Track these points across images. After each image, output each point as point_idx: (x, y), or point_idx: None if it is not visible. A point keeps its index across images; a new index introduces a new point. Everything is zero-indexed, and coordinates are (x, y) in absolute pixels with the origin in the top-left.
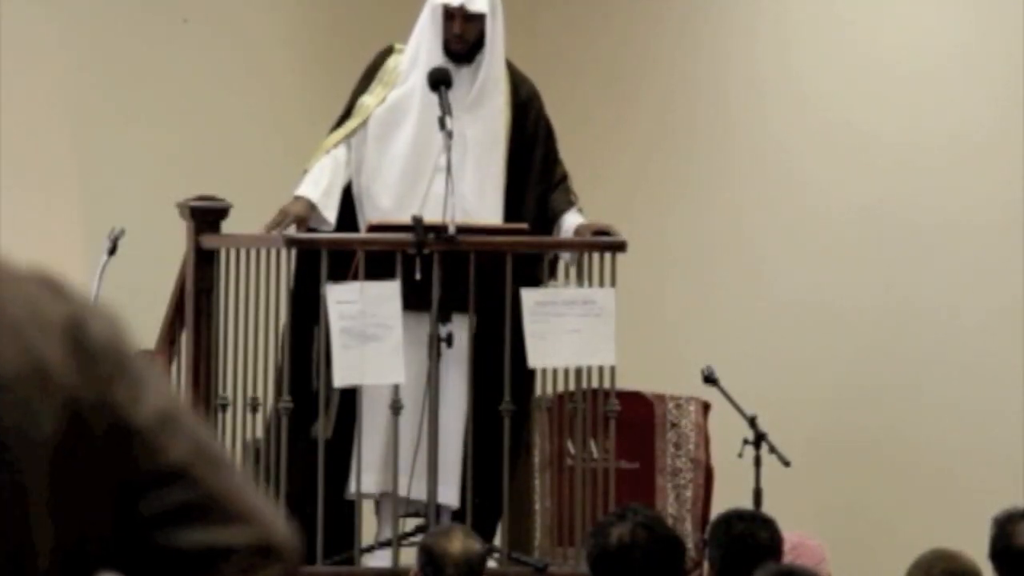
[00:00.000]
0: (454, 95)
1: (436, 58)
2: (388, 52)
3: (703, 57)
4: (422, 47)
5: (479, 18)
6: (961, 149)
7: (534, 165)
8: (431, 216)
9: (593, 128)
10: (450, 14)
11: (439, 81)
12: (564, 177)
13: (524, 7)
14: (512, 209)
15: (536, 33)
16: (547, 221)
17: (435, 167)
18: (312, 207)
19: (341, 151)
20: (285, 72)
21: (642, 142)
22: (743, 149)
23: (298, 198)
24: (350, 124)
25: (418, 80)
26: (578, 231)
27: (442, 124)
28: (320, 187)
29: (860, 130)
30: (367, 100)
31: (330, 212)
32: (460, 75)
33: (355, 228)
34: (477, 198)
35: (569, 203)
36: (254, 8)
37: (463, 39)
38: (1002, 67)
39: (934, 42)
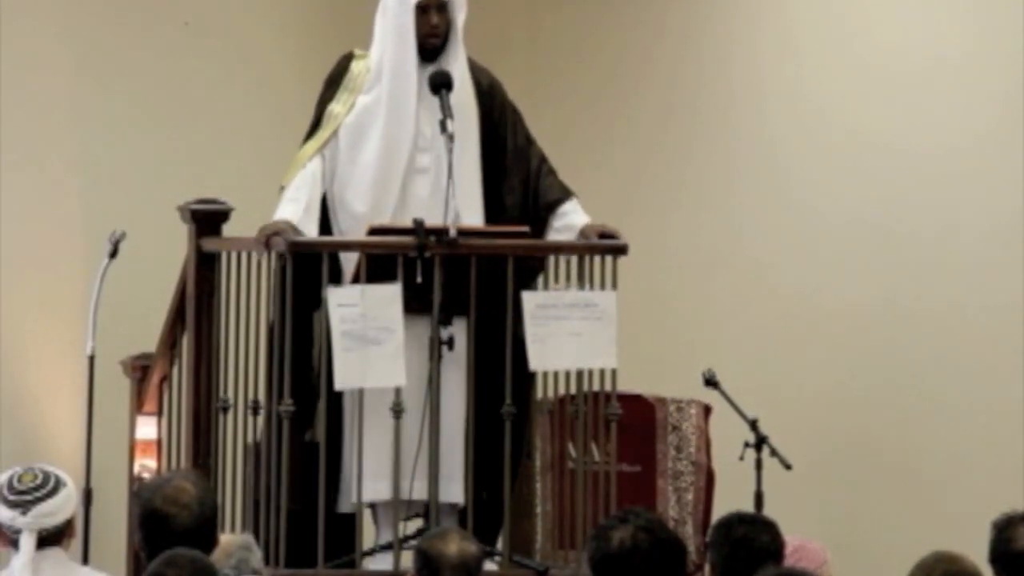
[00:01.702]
0: (422, 95)
1: (409, 59)
2: (349, 58)
3: (704, 61)
4: (387, 51)
5: (447, 9)
6: (961, 154)
7: (507, 150)
8: (413, 218)
9: (594, 130)
10: (423, 8)
11: (440, 84)
12: (544, 159)
13: (525, 10)
14: (493, 199)
15: (537, 36)
16: (535, 207)
17: (409, 169)
18: (294, 229)
19: (315, 164)
20: (286, 75)
21: (643, 145)
22: (744, 153)
23: (279, 221)
24: (322, 135)
25: (385, 85)
26: (584, 232)
27: (443, 127)
28: (300, 205)
29: (860, 134)
30: (336, 108)
31: (312, 228)
32: (427, 74)
33: (328, 236)
34: (460, 194)
35: (566, 192)
36: (255, 12)
37: (438, 32)
38: (1003, 72)
39: (935, 48)
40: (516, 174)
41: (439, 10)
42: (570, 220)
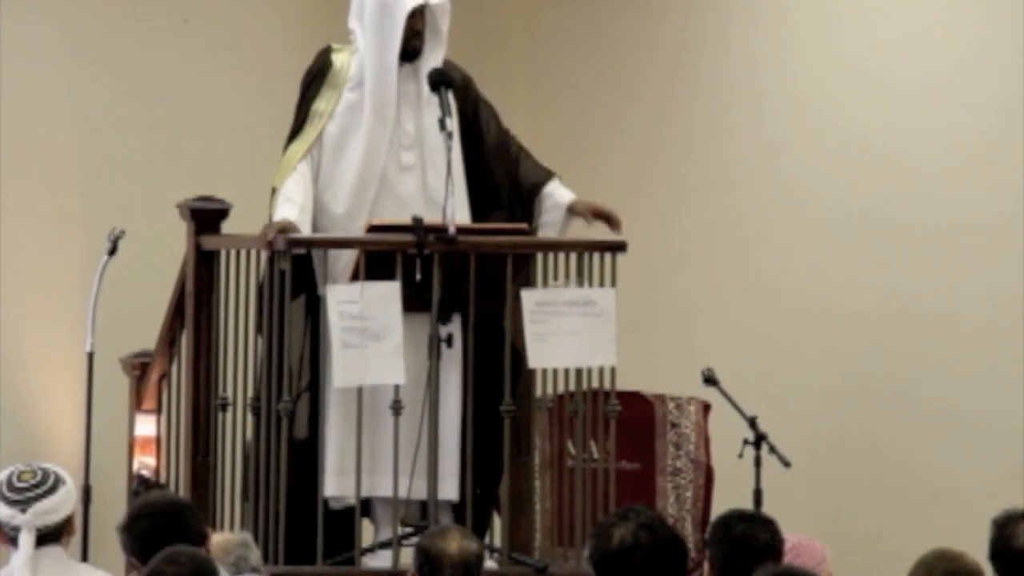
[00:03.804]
0: (404, 94)
1: (391, 62)
2: (328, 51)
3: (703, 59)
4: (368, 54)
5: (425, 12)
6: (961, 152)
7: (485, 144)
8: (398, 218)
9: (594, 129)
10: (412, 12)
11: (440, 82)
12: (520, 146)
13: (525, 10)
14: (481, 194)
15: (536, 35)
16: (519, 193)
17: (392, 168)
18: (293, 228)
19: (305, 166)
20: (285, 73)
21: (643, 143)
22: (744, 151)
23: (281, 222)
24: (309, 134)
25: (368, 89)
26: (573, 208)
27: (442, 125)
28: (297, 205)
29: (860, 133)
30: (321, 106)
31: (307, 228)
32: (404, 73)
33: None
34: (445, 197)
35: (548, 173)
36: (255, 9)
37: (421, 34)
38: (1002, 71)
39: (934, 46)
40: (500, 166)
41: (421, 14)
42: (556, 199)
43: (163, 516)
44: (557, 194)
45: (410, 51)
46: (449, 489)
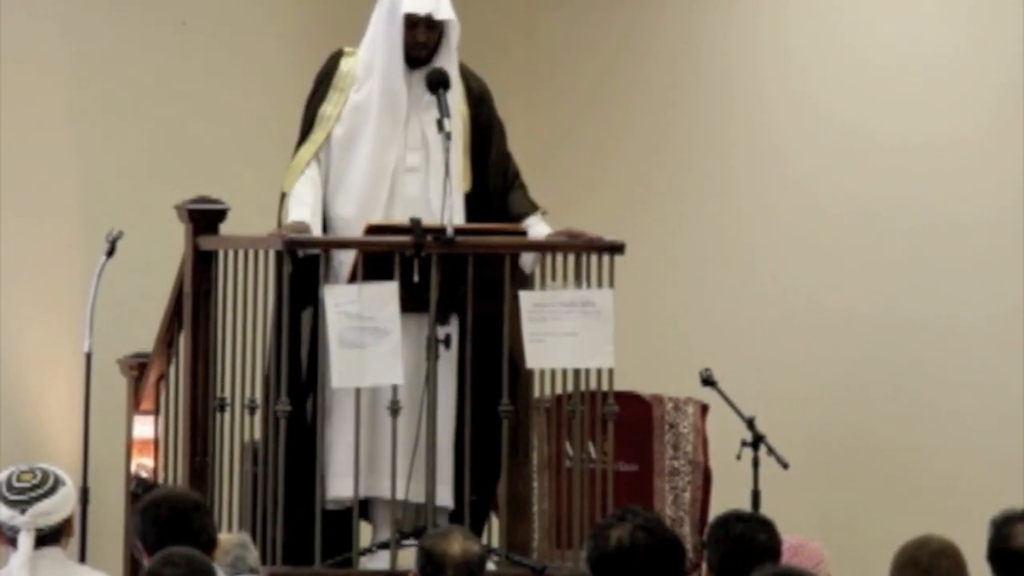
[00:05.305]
0: (412, 96)
1: (397, 65)
2: (338, 56)
3: (702, 61)
4: (377, 55)
5: (436, 26)
6: (960, 153)
7: (491, 158)
8: (402, 219)
9: (593, 130)
10: (413, 22)
11: (438, 83)
12: (517, 173)
13: (523, 11)
14: (478, 202)
15: (535, 36)
16: (507, 219)
17: (399, 169)
18: (307, 229)
19: (314, 168)
20: (283, 74)
21: (642, 144)
22: (742, 152)
23: (295, 223)
24: (317, 138)
25: (376, 87)
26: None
27: (440, 126)
28: (308, 207)
29: (859, 134)
30: (328, 110)
31: (318, 230)
32: (414, 77)
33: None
34: (443, 197)
35: (532, 206)
36: (252, 11)
37: (426, 46)
38: (1000, 71)
39: (933, 46)
40: (494, 183)
41: (428, 27)
42: (533, 231)
43: (182, 505)
44: (535, 228)
45: (414, 59)
46: (444, 495)
